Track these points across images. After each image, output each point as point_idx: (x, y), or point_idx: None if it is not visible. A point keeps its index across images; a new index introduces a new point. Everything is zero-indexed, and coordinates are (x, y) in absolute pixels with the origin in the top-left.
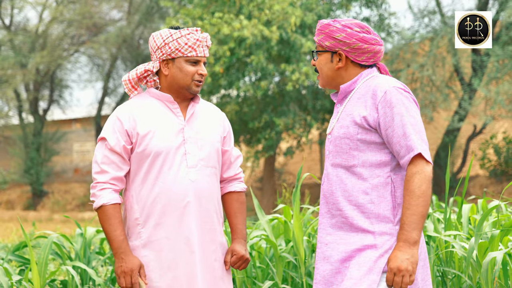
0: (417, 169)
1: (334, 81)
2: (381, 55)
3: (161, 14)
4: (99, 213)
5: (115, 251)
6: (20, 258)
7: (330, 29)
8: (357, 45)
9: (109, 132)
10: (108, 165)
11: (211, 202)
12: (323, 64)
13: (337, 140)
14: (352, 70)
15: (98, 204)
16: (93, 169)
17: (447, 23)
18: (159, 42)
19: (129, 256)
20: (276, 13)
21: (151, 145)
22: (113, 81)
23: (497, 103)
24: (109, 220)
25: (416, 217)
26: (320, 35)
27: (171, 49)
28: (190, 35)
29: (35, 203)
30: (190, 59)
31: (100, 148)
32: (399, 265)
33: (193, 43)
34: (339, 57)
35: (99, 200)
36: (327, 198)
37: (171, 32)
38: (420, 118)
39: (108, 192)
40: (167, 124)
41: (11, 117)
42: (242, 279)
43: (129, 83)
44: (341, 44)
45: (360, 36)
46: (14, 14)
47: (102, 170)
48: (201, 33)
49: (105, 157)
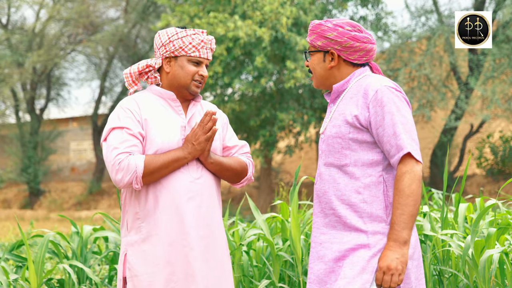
0: (406, 168)
1: (328, 80)
2: (374, 54)
3: (157, 13)
4: (145, 170)
5: (179, 152)
6: (17, 257)
7: (322, 28)
8: (348, 43)
9: (123, 120)
10: (131, 147)
11: (212, 198)
12: (316, 64)
13: (329, 139)
14: (344, 69)
15: (140, 168)
16: (109, 155)
17: (444, 22)
18: (164, 39)
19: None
20: (267, 14)
21: (154, 141)
22: (109, 80)
23: (493, 102)
24: (155, 159)
25: (405, 216)
26: (312, 35)
27: (175, 47)
28: (195, 35)
29: (32, 202)
30: (193, 59)
31: (118, 134)
32: (389, 264)
33: (197, 44)
34: (331, 56)
35: (133, 164)
36: (320, 198)
37: (177, 31)
38: (411, 117)
39: (135, 156)
40: (169, 121)
41: (8, 116)
42: (239, 277)
43: (130, 77)
44: (333, 43)
45: (352, 35)
46: (11, 13)
47: (126, 151)
48: (206, 35)
49: (126, 141)
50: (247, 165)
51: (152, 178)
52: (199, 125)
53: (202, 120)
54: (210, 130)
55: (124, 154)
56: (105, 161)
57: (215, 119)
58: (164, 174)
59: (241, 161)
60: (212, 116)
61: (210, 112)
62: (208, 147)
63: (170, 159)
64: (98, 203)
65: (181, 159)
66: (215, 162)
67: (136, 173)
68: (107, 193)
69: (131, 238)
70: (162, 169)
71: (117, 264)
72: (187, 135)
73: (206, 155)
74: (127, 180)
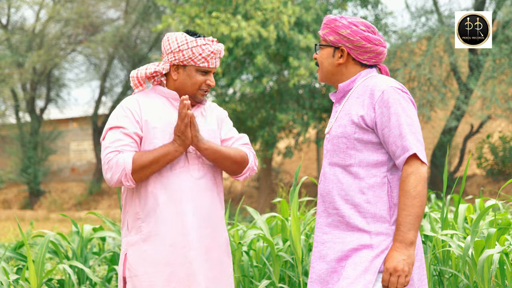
0: (412, 169)
1: (334, 76)
2: (383, 57)
3: (158, 14)
4: (134, 166)
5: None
6: (18, 255)
7: (336, 24)
8: (360, 43)
9: (121, 120)
10: (123, 146)
11: (213, 198)
12: (324, 58)
13: (334, 139)
14: (352, 68)
15: (128, 165)
16: (104, 152)
17: (444, 22)
18: (173, 46)
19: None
20: (269, 13)
21: (155, 140)
22: (110, 80)
23: (492, 102)
24: (144, 155)
25: (411, 217)
26: (325, 29)
27: (185, 56)
28: (205, 45)
29: (32, 202)
30: (201, 69)
31: (112, 134)
32: (396, 266)
33: (207, 55)
34: (341, 53)
35: (122, 162)
36: (323, 197)
37: (187, 39)
38: (417, 118)
39: (124, 153)
40: (171, 121)
41: (8, 116)
42: (239, 278)
43: (137, 80)
44: (344, 40)
45: (365, 35)
46: (11, 13)
47: (116, 150)
48: (216, 43)
49: (119, 140)
50: (247, 155)
51: (142, 174)
52: (178, 116)
53: (179, 110)
54: (185, 116)
55: (114, 152)
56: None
57: (187, 104)
58: (155, 170)
59: (239, 150)
60: (184, 102)
61: (182, 98)
62: (193, 133)
63: (160, 154)
64: (98, 203)
65: (171, 152)
66: (209, 148)
67: (125, 170)
68: (107, 194)
69: (132, 238)
70: (153, 164)
71: (116, 265)
72: (173, 129)
73: (196, 141)
74: (116, 178)
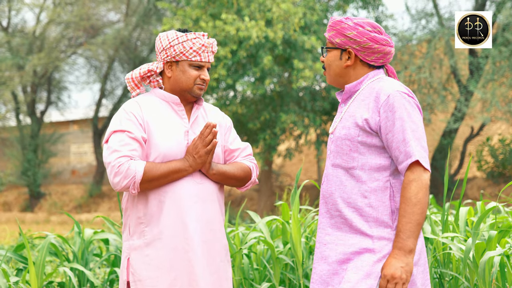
0: (414, 176)
1: (342, 78)
2: (391, 57)
3: (158, 16)
4: (144, 177)
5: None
6: (20, 257)
7: (342, 26)
8: (367, 44)
9: (124, 123)
10: (132, 151)
11: (214, 203)
12: (332, 61)
13: (338, 140)
14: (360, 69)
15: (139, 174)
16: (109, 157)
17: (444, 25)
18: (164, 43)
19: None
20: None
21: (157, 145)
22: (110, 83)
23: (492, 104)
24: (155, 168)
25: (411, 225)
26: (331, 32)
27: (176, 52)
28: (196, 39)
29: (32, 205)
30: (194, 63)
31: (118, 137)
32: (393, 273)
33: (198, 48)
34: (348, 55)
35: (133, 169)
36: (326, 198)
37: (177, 35)
38: (422, 124)
39: (136, 161)
40: (172, 125)
41: (9, 119)
42: (239, 280)
43: (132, 81)
44: (351, 42)
45: (371, 36)
46: (11, 16)
47: (127, 155)
48: (207, 38)
49: (127, 144)
50: (251, 169)
51: (149, 185)
52: (199, 137)
53: (202, 133)
54: (210, 143)
55: (125, 158)
56: (105, 162)
57: (215, 132)
58: (162, 184)
59: (244, 167)
60: (213, 129)
61: (210, 124)
62: (209, 159)
63: (171, 170)
64: (98, 206)
65: (182, 170)
66: (217, 173)
67: (134, 179)
68: (107, 196)
69: (134, 243)
70: (161, 178)
71: (117, 267)
72: (188, 147)
73: (208, 167)
74: (124, 184)
